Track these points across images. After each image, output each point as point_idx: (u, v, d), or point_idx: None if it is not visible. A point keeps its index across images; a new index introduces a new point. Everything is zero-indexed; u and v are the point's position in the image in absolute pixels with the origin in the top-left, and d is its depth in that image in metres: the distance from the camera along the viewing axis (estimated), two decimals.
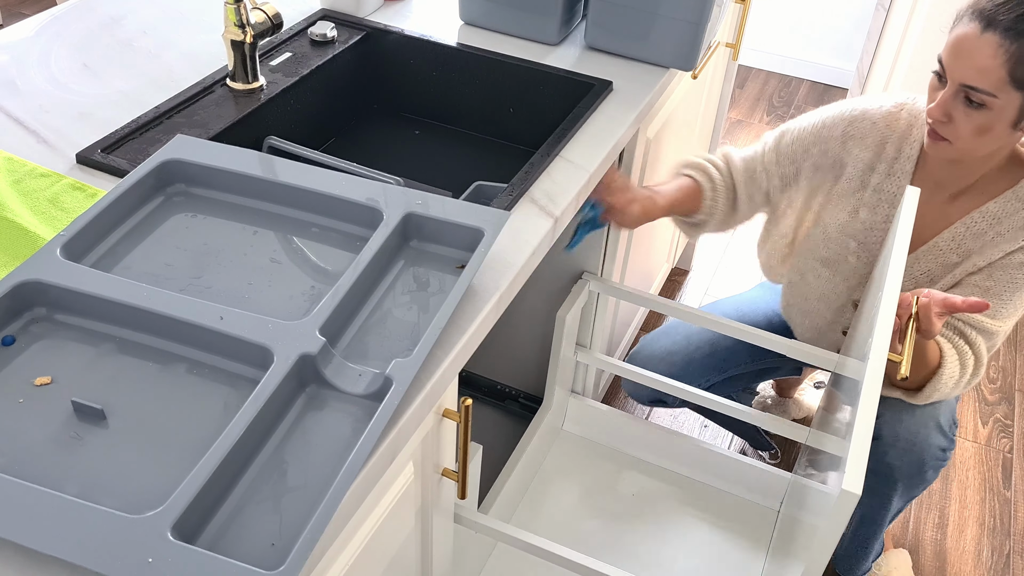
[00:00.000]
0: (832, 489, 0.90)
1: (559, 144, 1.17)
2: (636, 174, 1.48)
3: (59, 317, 0.84)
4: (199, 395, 0.79)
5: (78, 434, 0.74)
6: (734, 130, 3.07)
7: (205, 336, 0.81)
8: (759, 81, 3.37)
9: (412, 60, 1.43)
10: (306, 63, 1.32)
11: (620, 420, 1.72)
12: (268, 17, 1.20)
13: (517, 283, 0.99)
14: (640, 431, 1.72)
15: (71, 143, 1.11)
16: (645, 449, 1.73)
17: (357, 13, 1.45)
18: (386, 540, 0.93)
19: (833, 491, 0.88)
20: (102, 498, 0.70)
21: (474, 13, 1.44)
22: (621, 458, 1.73)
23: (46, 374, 0.79)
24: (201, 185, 1.00)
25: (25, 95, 1.20)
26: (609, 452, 1.74)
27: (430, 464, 0.99)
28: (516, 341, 1.72)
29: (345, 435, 0.75)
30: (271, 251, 0.94)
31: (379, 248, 0.90)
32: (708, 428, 2.02)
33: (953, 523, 1.85)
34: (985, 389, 2.16)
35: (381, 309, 0.88)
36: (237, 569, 0.63)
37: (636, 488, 1.68)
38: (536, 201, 1.09)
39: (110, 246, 0.92)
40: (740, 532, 1.62)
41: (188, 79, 1.26)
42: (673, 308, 1.52)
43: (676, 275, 2.44)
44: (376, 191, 0.96)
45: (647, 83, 1.34)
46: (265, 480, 0.72)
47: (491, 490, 1.50)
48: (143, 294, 0.82)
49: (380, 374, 0.78)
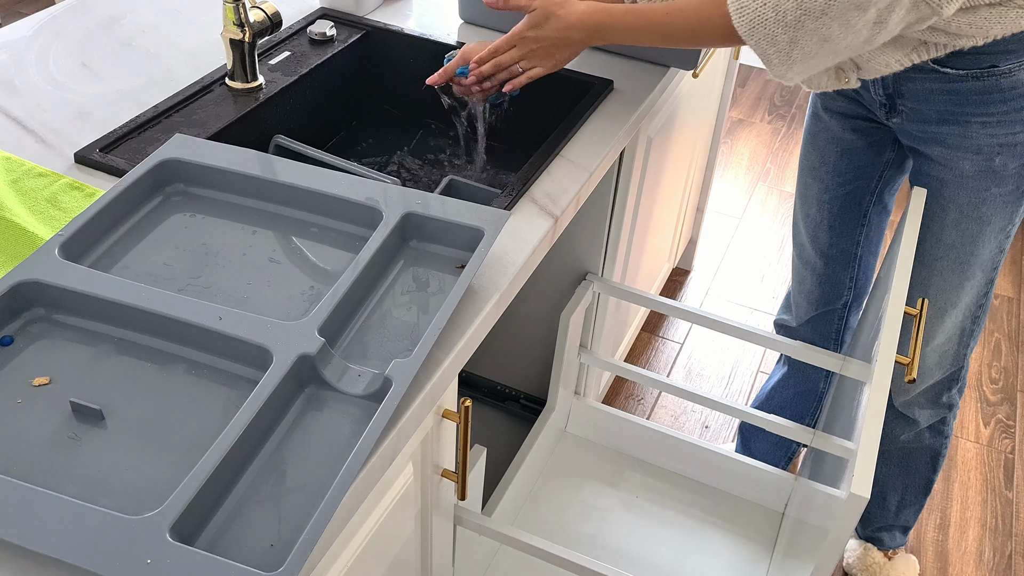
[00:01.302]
0: (840, 492, 0.89)
1: (559, 144, 1.17)
2: (636, 174, 1.48)
3: (57, 317, 0.84)
4: (198, 395, 0.78)
5: (76, 435, 0.74)
6: (735, 129, 3.07)
7: (204, 336, 0.80)
8: (760, 80, 3.37)
9: (412, 59, 1.43)
10: (305, 62, 1.32)
11: (623, 422, 1.72)
12: (267, 16, 1.20)
13: (517, 283, 0.99)
14: (643, 433, 1.71)
15: (69, 142, 1.10)
16: (648, 451, 1.72)
17: (356, 12, 1.45)
18: (385, 541, 0.93)
19: (841, 494, 0.87)
20: (100, 499, 0.69)
21: (474, 12, 1.44)
22: (624, 460, 1.73)
23: (44, 374, 0.79)
24: (200, 185, 1.00)
25: (23, 94, 1.20)
26: (612, 453, 1.73)
27: (430, 465, 0.98)
28: (517, 342, 1.72)
29: (344, 436, 0.75)
30: (270, 251, 0.93)
31: (378, 248, 0.89)
32: (709, 429, 2.01)
33: (955, 524, 1.84)
34: (987, 389, 2.16)
35: (380, 309, 0.87)
36: (236, 570, 0.62)
37: (639, 490, 1.68)
38: (536, 201, 1.08)
39: (108, 246, 0.92)
40: (744, 535, 1.62)
41: (187, 78, 1.25)
42: (675, 308, 1.51)
43: (677, 275, 2.43)
44: (375, 191, 0.96)
45: (648, 82, 1.33)
46: (264, 481, 0.71)
47: (495, 492, 1.49)
48: (142, 294, 0.82)
49: (379, 374, 0.78)
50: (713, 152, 2.19)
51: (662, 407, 2.05)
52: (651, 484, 1.69)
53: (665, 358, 2.19)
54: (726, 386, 2.13)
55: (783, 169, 2.89)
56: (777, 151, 2.98)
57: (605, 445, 1.75)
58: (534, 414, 1.76)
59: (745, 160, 2.92)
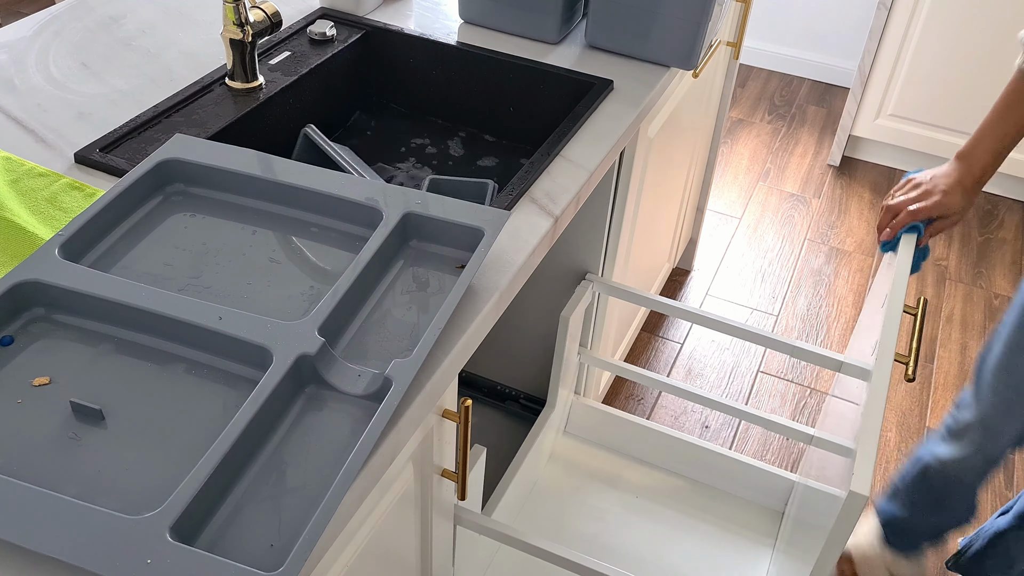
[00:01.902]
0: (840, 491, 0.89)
1: (559, 143, 1.17)
2: (637, 174, 1.48)
3: (57, 317, 0.84)
4: (198, 395, 0.78)
5: (76, 435, 0.74)
6: (735, 129, 3.07)
7: (204, 336, 0.80)
8: (760, 80, 3.37)
9: (412, 59, 1.43)
10: (305, 62, 1.32)
11: (622, 422, 1.72)
12: (267, 16, 1.20)
13: (517, 283, 0.99)
14: (643, 433, 1.71)
15: (69, 142, 1.10)
16: (648, 451, 1.72)
17: (356, 12, 1.45)
18: (385, 541, 0.93)
19: (841, 493, 0.87)
20: (100, 499, 0.69)
21: (474, 12, 1.44)
22: (624, 459, 1.73)
23: (44, 374, 0.79)
24: (200, 184, 1.00)
25: (23, 94, 1.20)
26: (612, 453, 1.73)
27: (430, 465, 0.98)
28: (517, 341, 1.72)
29: (344, 436, 0.75)
30: (270, 251, 0.93)
31: (378, 248, 0.89)
32: (709, 429, 2.01)
33: None
34: None
35: (380, 309, 0.87)
36: (236, 570, 0.62)
37: (639, 490, 1.68)
38: (536, 201, 1.08)
39: (108, 246, 0.92)
40: (744, 534, 1.62)
41: (187, 78, 1.25)
42: (675, 308, 1.51)
43: (677, 275, 2.43)
44: (375, 190, 0.96)
45: (648, 82, 1.33)
46: (264, 481, 0.71)
47: (495, 492, 1.49)
48: (142, 294, 0.82)
49: (379, 374, 0.78)
50: (713, 152, 2.19)
51: (662, 407, 2.05)
52: (651, 484, 1.69)
53: (665, 358, 2.19)
54: (726, 386, 2.13)
55: (783, 169, 2.89)
56: (777, 151, 2.98)
57: (605, 445, 1.75)
58: (534, 414, 1.76)
59: (745, 160, 2.92)
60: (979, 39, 2.52)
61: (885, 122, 2.78)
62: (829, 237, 2.62)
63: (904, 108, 2.73)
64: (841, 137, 2.86)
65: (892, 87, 2.71)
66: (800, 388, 2.13)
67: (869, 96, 2.74)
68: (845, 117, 2.82)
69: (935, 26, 2.55)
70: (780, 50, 3.41)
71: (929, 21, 2.55)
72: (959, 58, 2.57)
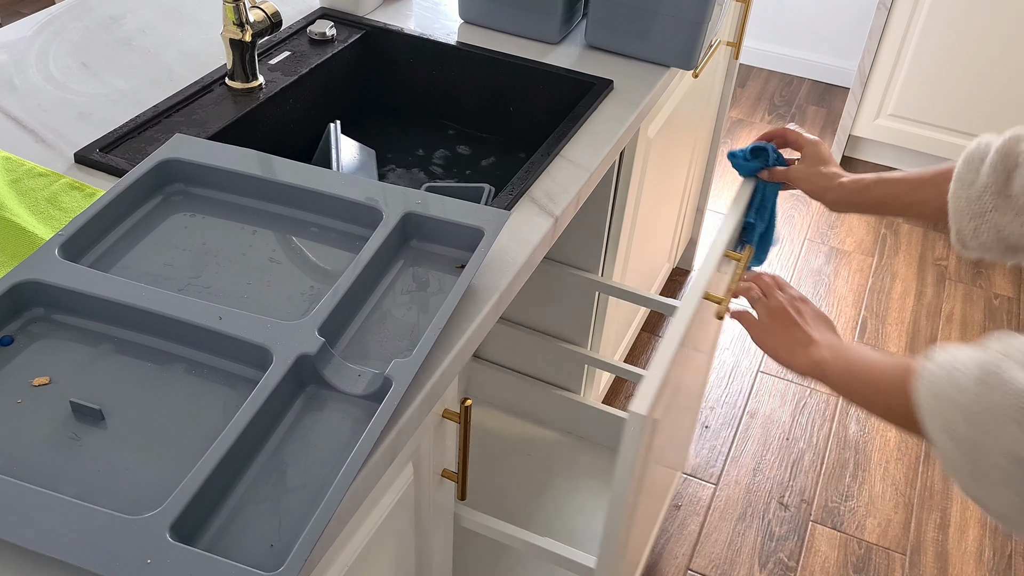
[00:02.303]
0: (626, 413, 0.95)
1: (559, 143, 1.17)
2: (636, 174, 1.48)
3: (57, 317, 0.84)
4: (198, 395, 0.78)
5: (76, 435, 0.74)
6: (735, 129, 3.07)
7: (204, 336, 0.80)
8: (760, 80, 3.37)
9: (412, 59, 1.43)
10: (305, 62, 1.32)
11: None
12: (267, 16, 1.20)
13: (517, 283, 0.99)
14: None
15: (69, 142, 1.10)
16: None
17: (356, 12, 1.45)
18: (386, 541, 0.93)
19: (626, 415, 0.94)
20: (100, 499, 0.69)
21: (474, 12, 1.44)
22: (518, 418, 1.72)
23: (44, 374, 0.79)
24: (200, 184, 1.00)
25: (23, 94, 1.20)
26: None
27: (430, 465, 0.98)
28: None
29: (344, 436, 0.75)
30: (270, 251, 0.93)
31: (378, 248, 0.89)
32: (709, 429, 2.01)
33: (955, 524, 1.84)
34: None
35: (380, 309, 0.87)
36: (236, 570, 0.62)
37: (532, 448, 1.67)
38: (536, 200, 1.08)
39: (108, 246, 0.92)
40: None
41: (187, 78, 1.25)
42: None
43: (677, 275, 2.43)
44: (375, 190, 0.96)
45: (648, 82, 1.33)
46: (264, 481, 0.71)
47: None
48: (142, 294, 0.82)
49: (380, 374, 0.78)
50: (713, 152, 2.19)
51: None
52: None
53: None
54: (726, 386, 2.13)
55: None
56: None
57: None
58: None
59: None
60: (979, 39, 2.52)
61: (885, 122, 2.78)
62: (829, 237, 2.62)
63: (904, 108, 2.73)
64: (841, 137, 2.86)
65: (892, 87, 2.71)
66: (800, 388, 2.13)
67: (869, 96, 2.74)
68: (845, 117, 2.82)
69: (935, 26, 2.55)
70: (780, 50, 3.41)
71: (929, 21, 2.55)
72: (959, 58, 2.57)
